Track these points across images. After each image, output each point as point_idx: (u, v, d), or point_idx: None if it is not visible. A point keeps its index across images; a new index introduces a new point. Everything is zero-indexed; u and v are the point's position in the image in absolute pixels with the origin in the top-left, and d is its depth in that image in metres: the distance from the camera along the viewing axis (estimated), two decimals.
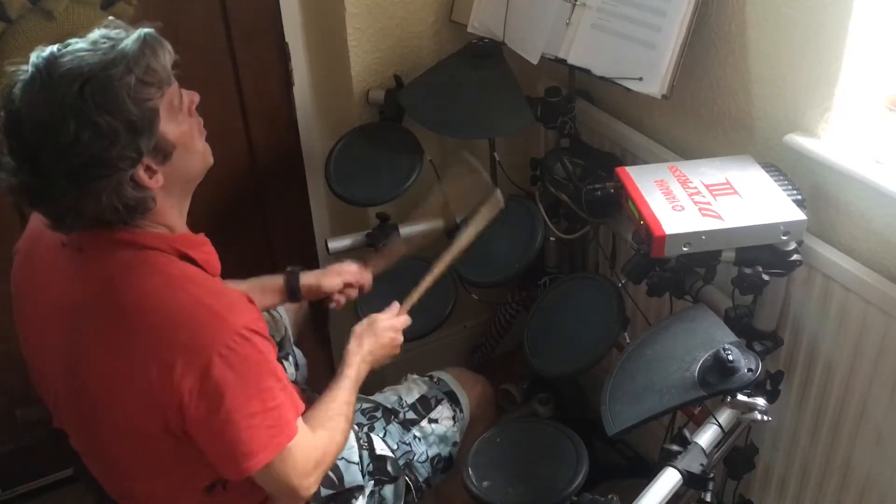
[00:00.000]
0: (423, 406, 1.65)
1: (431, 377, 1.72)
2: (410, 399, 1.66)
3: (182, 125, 1.17)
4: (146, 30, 1.13)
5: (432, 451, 1.61)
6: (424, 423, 1.63)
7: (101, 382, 1.17)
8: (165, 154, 1.15)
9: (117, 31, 1.12)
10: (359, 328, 1.50)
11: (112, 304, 1.15)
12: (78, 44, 1.10)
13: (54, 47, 1.09)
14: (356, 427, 1.57)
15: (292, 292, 1.63)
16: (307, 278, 1.65)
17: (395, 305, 1.57)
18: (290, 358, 1.74)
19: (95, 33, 1.12)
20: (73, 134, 1.05)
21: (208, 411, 1.12)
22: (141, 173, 1.12)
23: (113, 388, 1.16)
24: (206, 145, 1.25)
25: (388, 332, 1.50)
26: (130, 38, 1.11)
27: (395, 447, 1.57)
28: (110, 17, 1.17)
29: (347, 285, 1.68)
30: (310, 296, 1.67)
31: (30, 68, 1.08)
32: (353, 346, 1.46)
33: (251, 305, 1.21)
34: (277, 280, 1.64)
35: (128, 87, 1.07)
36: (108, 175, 1.09)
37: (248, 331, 1.14)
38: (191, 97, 1.21)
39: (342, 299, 1.69)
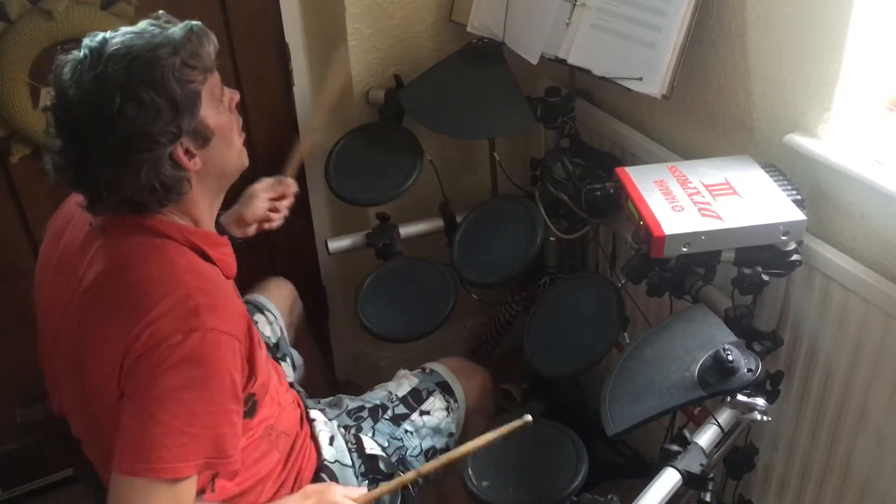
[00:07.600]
0: (415, 398, 1.64)
1: (424, 369, 1.71)
2: (401, 393, 1.65)
3: (221, 116, 1.22)
4: (193, 22, 1.20)
5: (426, 444, 1.60)
6: (415, 415, 1.62)
7: (95, 358, 1.17)
8: (205, 139, 1.19)
9: (167, 22, 1.19)
10: (311, 487, 1.40)
11: (118, 282, 1.17)
12: (128, 29, 1.15)
13: (107, 32, 1.15)
14: (343, 430, 1.56)
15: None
16: (227, 217, 1.66)
17: (361, 489, 1.42)
18: (288, 359, 1.73)
19: (145, 22, 1.18)
20: (118, 107, 1.09)
21: (129, 392, 1.11)
22: (180, 152, 1.16)
23: (102, 362, 1.16)
24: (244, 147, 1.29)
25: None
26: (178, 27, 1.18)
27: (385, 444, 1.56)
28: (160, 10, 1.22)
29: (273, 201, 1.71)
30: (242, 232, 1.68)
31: (82, 50, 1.13)
32: (294, 498, 1.35)
33: (241, 326, 1.19)
34: None
35: (172, 68, 1.13)
36: (148, 150, 1.13)
37: (211, 338, 1.12)
38: (232, 95, 1.27)
39: (275, 217, 1.72)
